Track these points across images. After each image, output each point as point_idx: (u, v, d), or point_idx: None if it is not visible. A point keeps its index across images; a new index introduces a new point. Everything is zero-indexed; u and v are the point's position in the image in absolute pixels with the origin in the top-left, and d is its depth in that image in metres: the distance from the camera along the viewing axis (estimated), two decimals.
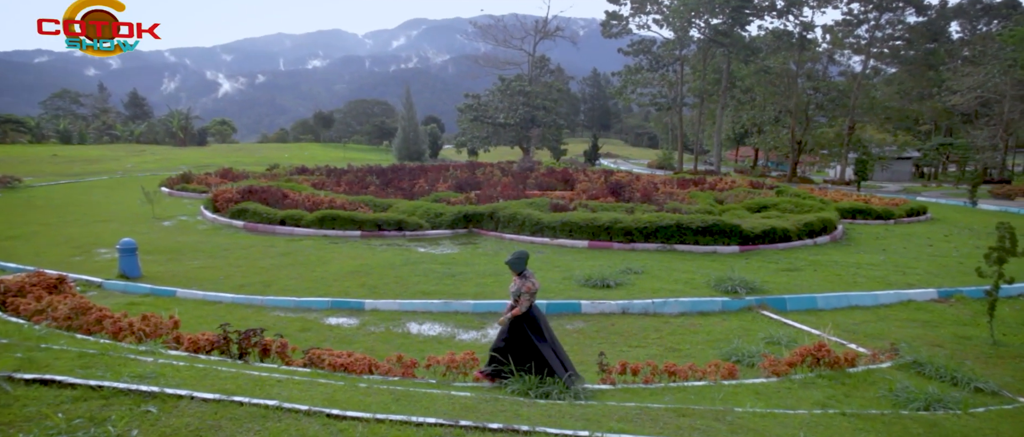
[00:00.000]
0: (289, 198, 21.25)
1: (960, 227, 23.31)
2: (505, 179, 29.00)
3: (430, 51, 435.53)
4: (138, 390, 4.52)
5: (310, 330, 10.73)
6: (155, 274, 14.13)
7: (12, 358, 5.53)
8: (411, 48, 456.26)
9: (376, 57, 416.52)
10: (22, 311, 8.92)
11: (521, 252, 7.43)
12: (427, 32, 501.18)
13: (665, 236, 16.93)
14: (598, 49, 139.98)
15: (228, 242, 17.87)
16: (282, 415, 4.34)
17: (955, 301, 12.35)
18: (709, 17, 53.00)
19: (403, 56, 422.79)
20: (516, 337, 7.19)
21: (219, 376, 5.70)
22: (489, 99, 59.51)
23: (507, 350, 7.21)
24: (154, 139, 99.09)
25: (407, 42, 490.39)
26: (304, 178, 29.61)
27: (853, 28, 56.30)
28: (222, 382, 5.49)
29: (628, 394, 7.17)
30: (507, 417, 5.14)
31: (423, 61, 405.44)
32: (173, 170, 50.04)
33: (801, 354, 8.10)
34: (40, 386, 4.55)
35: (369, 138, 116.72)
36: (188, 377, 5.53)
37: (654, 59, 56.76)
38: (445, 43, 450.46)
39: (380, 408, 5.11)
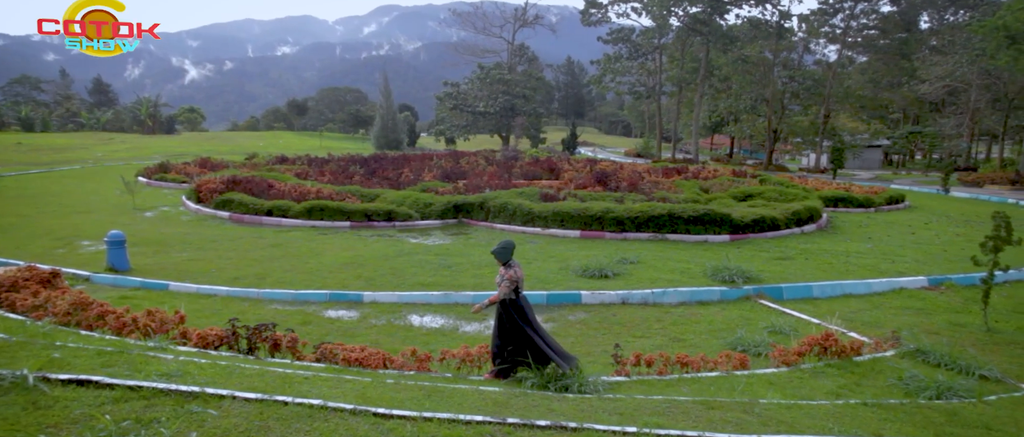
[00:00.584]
0: (274, 188, 20.96)
1: (938, 215, 23.80)
2: (490, 168, 28.92)
3: (402, 38, 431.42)
4: (178, 390, 4.43)
5: (311, 323, 10.62)
6: (143, 267, 13.86)
7: (36, 357, 5.38)
8: (382, 35, 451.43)
9: (347, 44, 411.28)
10: (19, 307, 8.70)
11: (507, 242, 7.40)
12: (399, 19, 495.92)
13: (657, 225, 17.03)
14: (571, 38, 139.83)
15: (215, 233, 17.59)
16: (328, 414, 4.28)
17: (945, 288, 12.63)
18: (688, 5, 53.24)
19: (374, 43, 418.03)
20: (509, 330, 7.14)
21: (245, 373, 5.61)
22: (468, 87, 59.18)
23: (504, 345, 7.18)
24: (121, 127, 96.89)
25: (378, 29, 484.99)
26: (286, 168, 29.23)
27: (828, 17, 57.00)
28: (249, 379, 5.41)
29: (644, 386, 7.21)
30: (545, 413, 5.14)
31: (395, 48, 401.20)
32: (146, 159, 49.09)
33: (809, 344, 8.22)
34: (76, 386, 4.43)
35: (344, 126, 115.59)
36: (214, 375, 5.43)
37: (633, 47, 56.89)
38: (417, 30, 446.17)
39: (414, 405, 5.07)
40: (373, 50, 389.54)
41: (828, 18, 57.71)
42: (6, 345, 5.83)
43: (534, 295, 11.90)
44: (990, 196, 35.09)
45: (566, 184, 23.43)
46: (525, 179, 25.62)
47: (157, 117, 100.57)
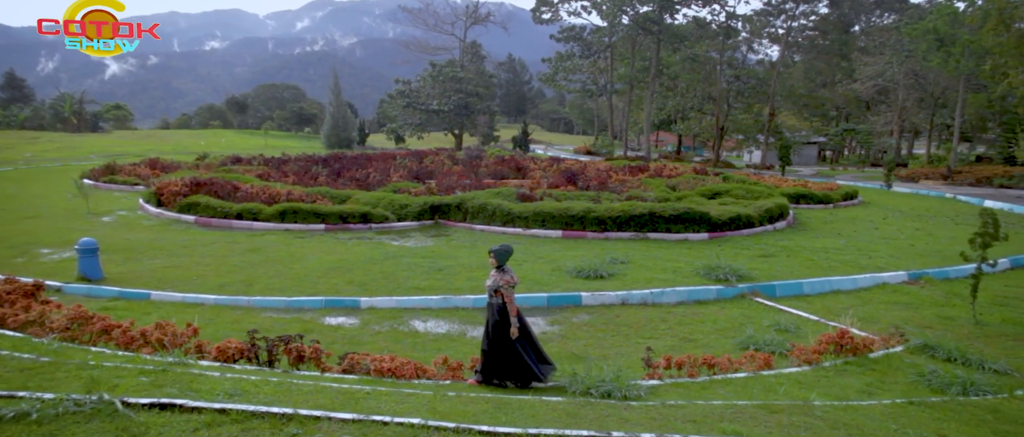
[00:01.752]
0: (241, 191, 20.26)
1: (891, 210, 24.82)
2: (456, 168, 28.69)
3: (337, 34, 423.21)
4: (270, 412, 4.20)
5: (312, 332, 10.27)
6: (116, 275, 13.20)
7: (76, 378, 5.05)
8: (316, 30, 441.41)
9: (279, 39, 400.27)
10: (10, 323, 8.14)
11: (507, 246, 7.36)
12: (333, 14, 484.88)
13: (638, 225, 17.21)
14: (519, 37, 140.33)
15: (184, 238, 16.88)
16: (430, 433, 4.13)
17: (925, 283, 13.15)
18: (638, 4, 53.96)
19: (308, 38, 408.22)
20: (500, 338, 7.03)
21: (303, 390, 5.39)
22: (420, 85, 58.56)
23: (493, 354, 7.09)
24: (41, 125, 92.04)
25: (312, 24, 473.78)
26: (245, 168, 28.32)
27: (772, 18, 58.76)
28: (312, 396, 5.19)
29: (681, 388, 7.24)
30: (620, 423, 5.10)
31: (330, 44, 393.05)
32: (83, 159, 46.85)
33: (826, 341, 8.42)
34: (159, 411, 4.16)
35: (287, 124, 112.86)
36: (273, 392, 5.20)
37: (585, 46, 57.35)
38: (352, 26, 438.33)
39: (488, 419, 4.96)
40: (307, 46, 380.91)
41: (771, 19, 59.54)
42: (36, 366, 5.47)
43: (535, 297, 11.89)
44: (929, 191, 36.81)
45: (539, 184, 23.45)
46: (493, 178, 25.52)
47: (83, 114, 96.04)
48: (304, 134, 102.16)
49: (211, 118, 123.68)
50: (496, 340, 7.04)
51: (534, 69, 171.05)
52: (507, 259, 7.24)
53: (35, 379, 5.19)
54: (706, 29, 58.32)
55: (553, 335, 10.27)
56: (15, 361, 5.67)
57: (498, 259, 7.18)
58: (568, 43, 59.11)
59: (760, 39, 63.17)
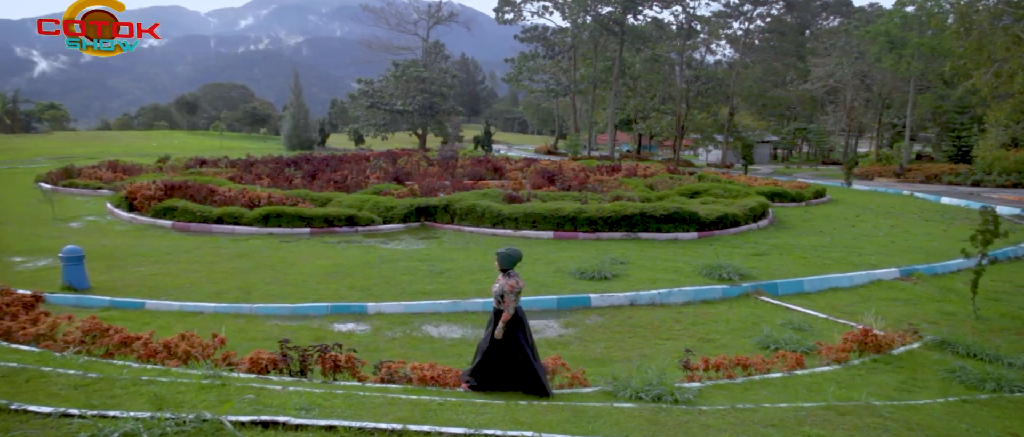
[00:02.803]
0: (218, 194, 19.64)
1: (859, 207, 25.53)
2: (432, 168, 28.41)
3: (282, 32, 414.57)
4: (379, 428, 4.02)
5: (324, 339, 9.99)
6: (102, 284, 12.64)
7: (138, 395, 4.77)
8: (261, 29, 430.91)
9: (222, 37, 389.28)
10: (18, 336, 7.69)
11: (515, 249, 6.94)
12: (278, 12, 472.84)
13: (629, 225, 17.29)
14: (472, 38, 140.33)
15: (165, 244, 16.27)
16: None
17: (916, 279, 13.53)
18: (602, 5, 54.34)
19: (252, 37, 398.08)
20: (501, 345, 6.68)
21: (372, 403, 5.20)
22: (383, 85, 57.84)
23: (490, 360, 6.75)
24: None
25: (256, 22, 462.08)
26: (213, 171, 27.51)
27: (731, 20, 59.96)
28: (389, 409, 5.02)
29: (722, 390, 7.25)
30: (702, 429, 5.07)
31: (275, 42, 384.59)
32: (28, 162, 44.87)
33: (851, 340, 8.56)
34: (262, 429, 3.94)
35: (240, 125, 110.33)
36: (348, 406, 5.01)
37: (548, 46, 57.48)
38: (298, 24, 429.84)
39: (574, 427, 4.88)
40: (251, 44, 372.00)
41: (729, 21, 60.77)
42: (88, 383, 5.18)
43: (544, 300, 11.83)
44: (886, 188, 38.03)
45: (521, 184, 23.37)
46: (471, 179, 25.34)
47: (16, 115, 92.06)
48: (259, 135, 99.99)
49: (156, 118, 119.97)
50: (502, 349, 6.66)
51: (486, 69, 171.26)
52: (513, 264, 6.83)
53: (95, 396, 4.89)
54: (665, 30, 59.17)
55: (570, 338, 10.22)
56: (63, 377, 5.33)
57: (502, 263, 6.81)
58: (532, 43, 59.18)
59: (718, 41, 64.46)
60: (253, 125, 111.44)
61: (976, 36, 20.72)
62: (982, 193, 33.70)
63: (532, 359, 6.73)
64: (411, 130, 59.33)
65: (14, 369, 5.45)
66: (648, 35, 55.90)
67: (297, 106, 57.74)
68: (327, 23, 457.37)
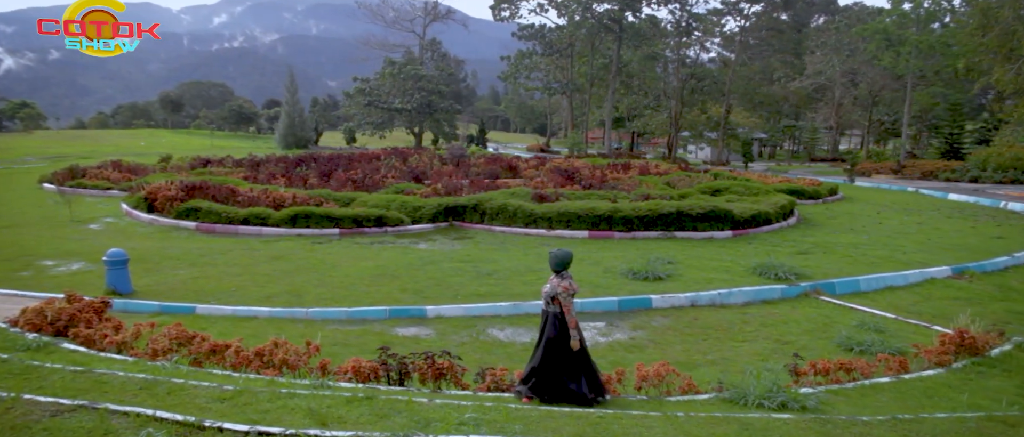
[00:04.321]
0: (240, 194, 19.20)
1: (875, 204, 25.59)
2: (446, 167, 28.08)
3: (257, 30, 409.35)
4: None
5: (392, 344, 9.67)
6: (143, 288, 12.24)
7: (291, 411, 4.49)
8: (235, 26, 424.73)
9: (195, 35, 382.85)
10: (104, 343, 7.35)
11: (567, 251, 6.75)
12: (252, 9, 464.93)
13: (665, 224, 17.13)
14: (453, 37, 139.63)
15: (195, 247, 15.83)
16: None
17: (969, 277, 13.48)
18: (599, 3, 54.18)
19: (226, 35, 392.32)
20: (556, 349, 6.39)
21: (532, 417, 4.96)
22: (380, 82, 57.27)
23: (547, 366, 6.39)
24: None
25: (230, 19, 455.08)
26: (221, 170, 26.97)
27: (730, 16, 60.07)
28: (560, 424, 4.77)
29: (839, 396, 7.06)
30: None
31: (250, 40, 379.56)
32: (15, 162, 43.87)
33: (949, 342, 8.42)
34: None
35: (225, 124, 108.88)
36: (510, 420, 4.75)
37: (546, 45, 57.23)
38: (273, 22, 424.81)
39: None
40: (225, 42, 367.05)
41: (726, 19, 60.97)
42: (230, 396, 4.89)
43: (604, 301, 11.61)
44: (889, 185, 38.26)
45: (543, 183, 23.13)
46: (488, 178, 25.05)
47: None
48: (248, 134, 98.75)
49: (134, 117, 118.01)
50: (555, 354, 6.37)
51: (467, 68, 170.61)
52: (565, 265, 6.58)
53: (245, 412, 4.60)
54: (660, 28, 59.17)
55: (642, 340, 10.00)
56: (202, 390, 5.04)
57: (555, 264, 6.58)
58: (529, 41, 58.89)
59: (713, 38, 64.60)
60: (239, 124, 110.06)
61: (998, 31, 20.79)
62: (986, 189, 33.97)
63: (586, 369, 6.41)
64: (408, 129, 58.78)
65: (147, 381, 5.14)
66: (645, 33, 55.86)
67: (292, 104, 56.98)
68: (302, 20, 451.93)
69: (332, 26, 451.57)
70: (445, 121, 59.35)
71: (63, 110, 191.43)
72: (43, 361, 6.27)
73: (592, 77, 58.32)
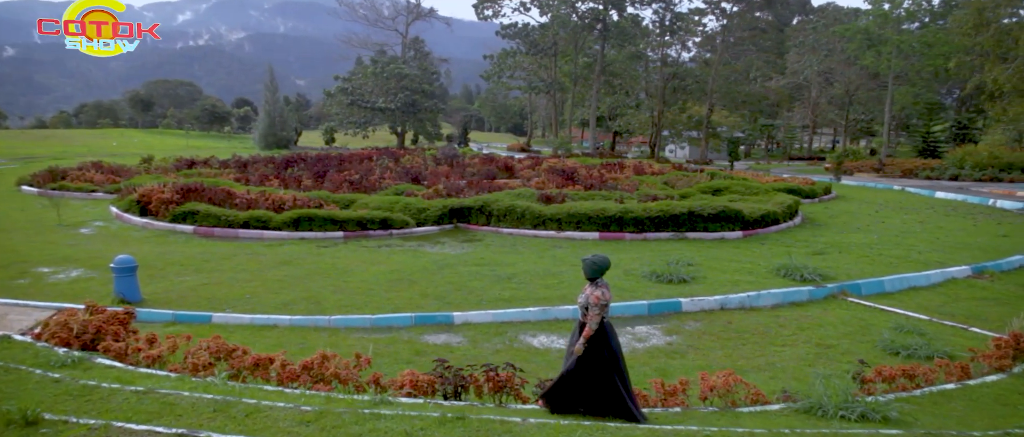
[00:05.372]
0: (237, 197, 18.61)
1: (870, 203, 25.74)
2: (441, 168, 27.65)
3: (222, 28, 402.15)
4: None
5: (423, 353, 9.37)
6: (150, 296, 11.68)
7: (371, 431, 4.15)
8: (200, 23, 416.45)
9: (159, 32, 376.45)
10: (140, 357, 6.90)
11: (603, 256, 6.23)
12: (217, 7, 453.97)
13: (676, 225, 16.94)
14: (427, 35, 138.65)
15: (196, 251, 15.24)
16: None
17: (990, 276, 13.47)
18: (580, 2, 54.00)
19: (191, 32, 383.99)
20: (588, 362, 5.94)
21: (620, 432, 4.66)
22: (362, 81, 56.49)
23: (576, 379, 6.00)
24: None
25: (195, 17, 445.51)
26: (210, 172, 26.23)
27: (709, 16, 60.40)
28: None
29: (908, 403, 6.87)
30: None
31: (215, 38, 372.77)
32: None
33: (1006, 346, 8.30)
34: None
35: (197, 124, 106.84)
36: None
37: (531, 44, 56.92)
38: (239, 19, 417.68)
39: None
40: (190, 40, 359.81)
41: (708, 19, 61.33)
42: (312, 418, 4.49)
43: (635, 305, 11.35)
44: (875, 183, 38.65)
45: (543, 184, 22.83)
46: (486, 179, 24.68)
47: None
48: (224, 134, 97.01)
49: (99, 116, 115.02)
50: (585, 367, 5.94)
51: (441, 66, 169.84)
52: (601, 272, 6.09)
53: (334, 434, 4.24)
54: (641, 28, 59.24)
55: (680, 346, 9.76)
56: (282, 412, 4.66)
57: (587, 272, 6.11)
58: (513, 40, 58.52)
59: (694, 37, 64.90)
60: (211, 123, 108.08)
61: (993, 31, 20.99)
62: (969, 188, 34.44)
63: (619, 380, 5.97)
64: (391, 128, 58.09)
65: (217, 402, 4.75)
66: (628, 32, 55.85)
67: (272, 104, 55.91)
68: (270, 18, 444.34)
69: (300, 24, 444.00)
70: (428, 121, 58.74)
71: (20, 108, 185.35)
72: (84, 378, 5.82)
73: (576, 76, 58.16)
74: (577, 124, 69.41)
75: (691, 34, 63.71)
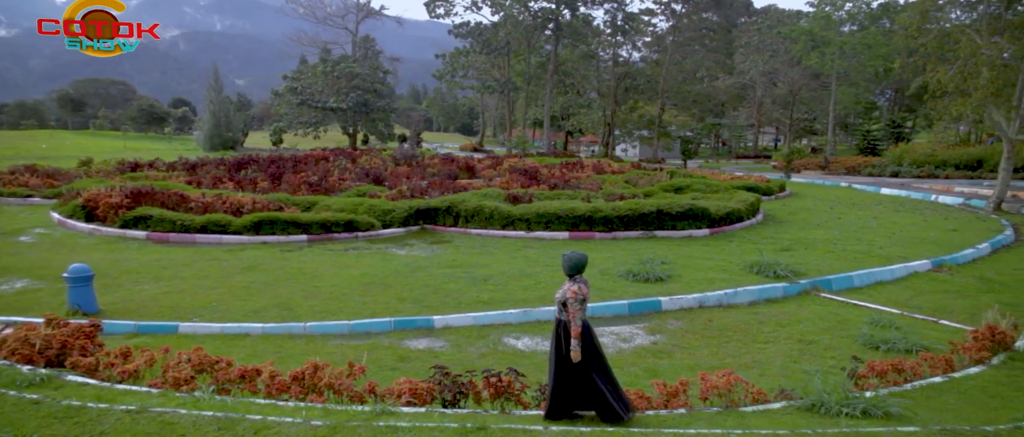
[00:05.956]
0: (192, 201, 17.85)
1: (823, 200, 26.43)
2: (401, 168, 27.17)
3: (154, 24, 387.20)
4: None
5: (408, 359, 9.10)
6: (109, 307, 11.06)
7: None
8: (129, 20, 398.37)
9: None
10: (118, 373, 6.44)
11: (581, 253, 6.14)
12: (148, 3, 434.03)
13: (645, 223, 16.99)
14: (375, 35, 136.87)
15: (152, 259, 14.52)
16: None
17: (949, 270, 13.90)
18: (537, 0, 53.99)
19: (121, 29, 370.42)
20: (567, 363, 5.81)
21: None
22: (312, 81, 55.19)
23: (562, 382, 5.85)
24: None
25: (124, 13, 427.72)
26: (157, 175, 25.15)
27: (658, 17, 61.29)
28: None
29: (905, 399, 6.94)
30: None
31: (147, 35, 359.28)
32: None
33: (982, 338, 8.50)
34: None
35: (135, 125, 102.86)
36: None
37: (483, 43, 56.64)
38: (173, 16, 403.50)
39: None
40: None
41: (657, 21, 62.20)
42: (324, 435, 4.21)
43: (615, 305, 11.28)
44: (822, 180, 39.89)
45: (507, 184, 22.64)
46: (448, 179, 24.34)
47: None
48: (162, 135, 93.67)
49: (23, 117, 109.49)
50: (564, 366, 5.81)
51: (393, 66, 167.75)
52: (579, 269, 5.98)
53: None
54: (593, 28, 59.68)
55: (666, 345, 9.71)
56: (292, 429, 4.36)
57: (568, 268, 6.00)
58: (465, 39, 58.13)
59: (644, 37, 65.75)
60: (148, 124, 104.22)
61: (936, 34, 21.83)
62: (911, 184, 35.79)
63: (598, 377, 5.84)
64: (343, 128, 56.96)
65: (219, 419, 4.41)
66: (581, 31, 56.15)
67: (217, 104, 54.06)
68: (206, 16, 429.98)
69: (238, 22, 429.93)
70: (380, 121, 57.82)
71: None
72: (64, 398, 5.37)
73: (529, 76, 58.17)
74: (529, 124, 69.44)
75: (641, 34, 64.59)
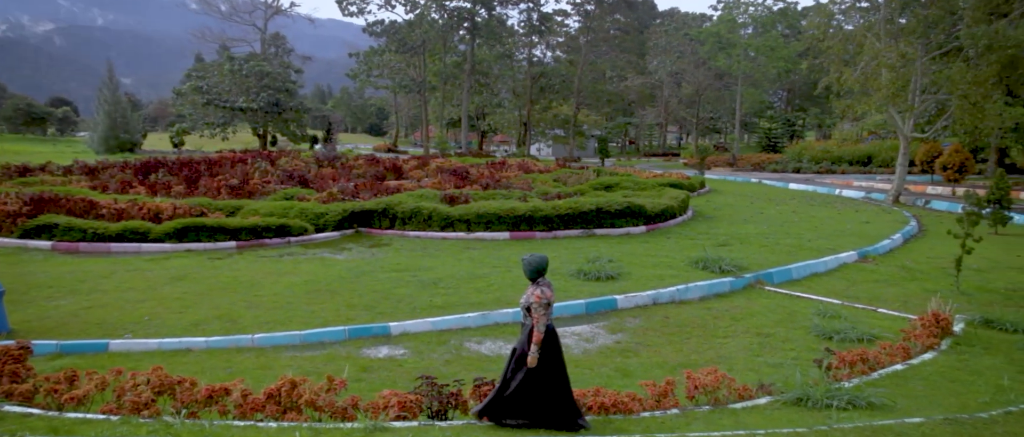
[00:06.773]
0: (102, 207, 16.50)
1: (741, 196, 27.48)
2: (326, 170, 26.19)
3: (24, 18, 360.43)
4: None
5: (371, 369, 8.71)
6: (21, 325, 10.02)
7: None
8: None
9: None
10: (65, 399, 5.76)
11: (541, 256, 6.10)
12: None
13: (585, 221, 17.06)
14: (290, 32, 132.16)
15: (64, 270, 13.27)
16: None
17: (873, 260, 14.66)
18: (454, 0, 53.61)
19: None
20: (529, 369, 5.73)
21: None
22: (218, 80, 52.54)
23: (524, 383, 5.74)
24: None
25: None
26: (54, 179, 23.16)
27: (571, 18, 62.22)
28: None
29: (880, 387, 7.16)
30: None
31: (16, 29, 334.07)
32: None
33: (927, 325, 8.94)
34: None
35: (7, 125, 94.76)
36: None
37: (399, 42, 55.62)
38: (45, 10, 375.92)
39: None
40: None
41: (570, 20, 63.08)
42: None
43: (573, 305, 11.22)
44: (734, 176, 41.65)
45: (439, 184, 22.21)
46: (376, 180, 23.67)
47: None
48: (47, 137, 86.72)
49: None
50: (526, 372, 5.70)
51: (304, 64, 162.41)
52: (540, 272, 5.91)
53: None
54: (507, 27, 59.89)
55: (630, 344, 9.71)
56: None
57: (529, 272, 5.91)
58: (380, 38, 56.91)
59: (558, 37, 66.57)
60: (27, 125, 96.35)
61: (840, 37, 23.15)
62: (813, 179, 37.83)
63: (561, 387, 5.79)
64: (253, 129, 54.54)
65: None
66: (496, 31, 56.17)
67: (113, 104, 50.47)
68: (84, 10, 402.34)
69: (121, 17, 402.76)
70: (293, 121, 55.78)
71: None
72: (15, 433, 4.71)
73: (445, 75, 57.67)
74: (445, 124, 68.93)
75: (555, 34, 65.36)
